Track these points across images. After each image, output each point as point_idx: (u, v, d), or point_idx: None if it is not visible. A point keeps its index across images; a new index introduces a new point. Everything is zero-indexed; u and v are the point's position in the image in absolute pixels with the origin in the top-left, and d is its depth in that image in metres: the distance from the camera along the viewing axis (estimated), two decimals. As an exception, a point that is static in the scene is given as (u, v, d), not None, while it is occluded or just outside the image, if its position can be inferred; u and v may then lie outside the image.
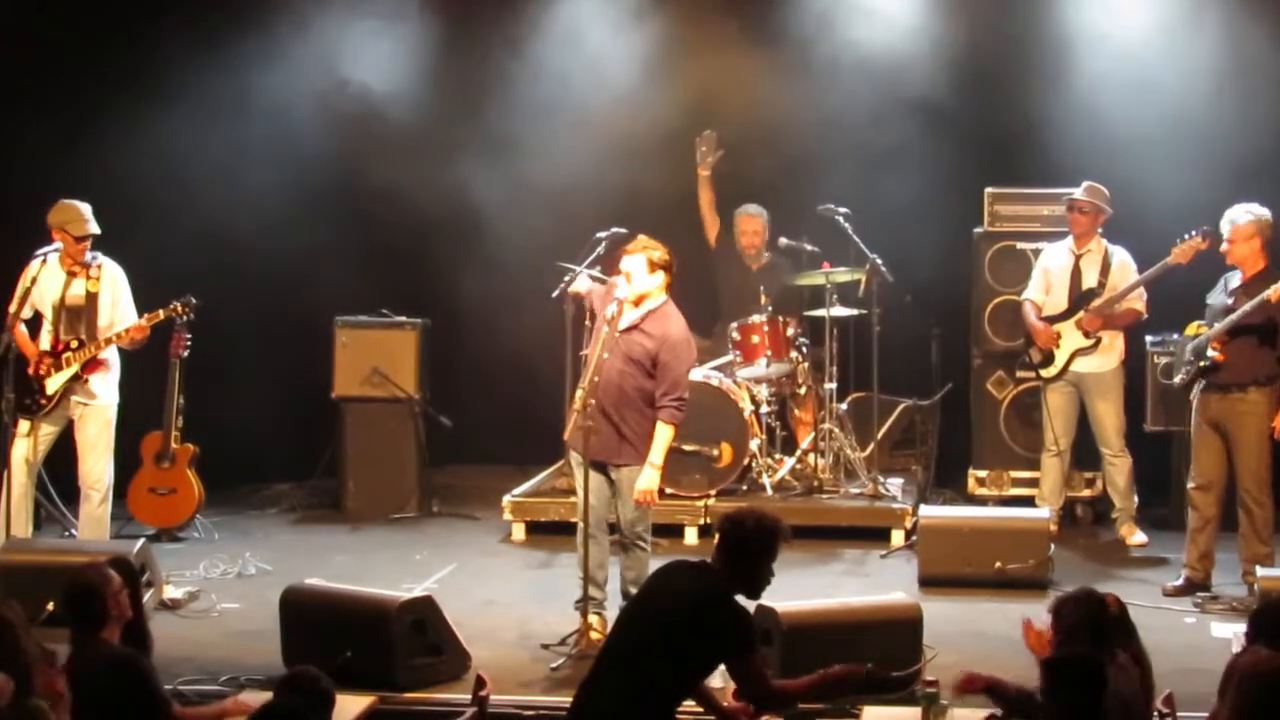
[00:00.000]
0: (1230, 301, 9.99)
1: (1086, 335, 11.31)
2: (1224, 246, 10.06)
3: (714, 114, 13.02)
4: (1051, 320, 11.40)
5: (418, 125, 13.34)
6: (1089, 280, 11.36)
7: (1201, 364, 9.98)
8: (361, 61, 13.14)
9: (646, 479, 9.12)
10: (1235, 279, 10.06)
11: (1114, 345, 11.40)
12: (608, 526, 9.35)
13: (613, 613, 8.89)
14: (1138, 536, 11.41)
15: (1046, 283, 11.54)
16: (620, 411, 9.16)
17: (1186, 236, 10.66)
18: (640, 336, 9.16)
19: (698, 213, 12.63)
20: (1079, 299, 11.34)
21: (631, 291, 9.15)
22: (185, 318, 10.82)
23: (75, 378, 10.66)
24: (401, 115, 13.30)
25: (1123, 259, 11.38)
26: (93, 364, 10.69)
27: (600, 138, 12.90)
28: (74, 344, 10.66)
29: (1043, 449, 11.62)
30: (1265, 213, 10.06)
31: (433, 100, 13.34)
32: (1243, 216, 10.00)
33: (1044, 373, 11.46)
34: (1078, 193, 11.41)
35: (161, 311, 10.73)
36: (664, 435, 9.14)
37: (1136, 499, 11.54)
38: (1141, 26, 12.52)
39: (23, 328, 10.66)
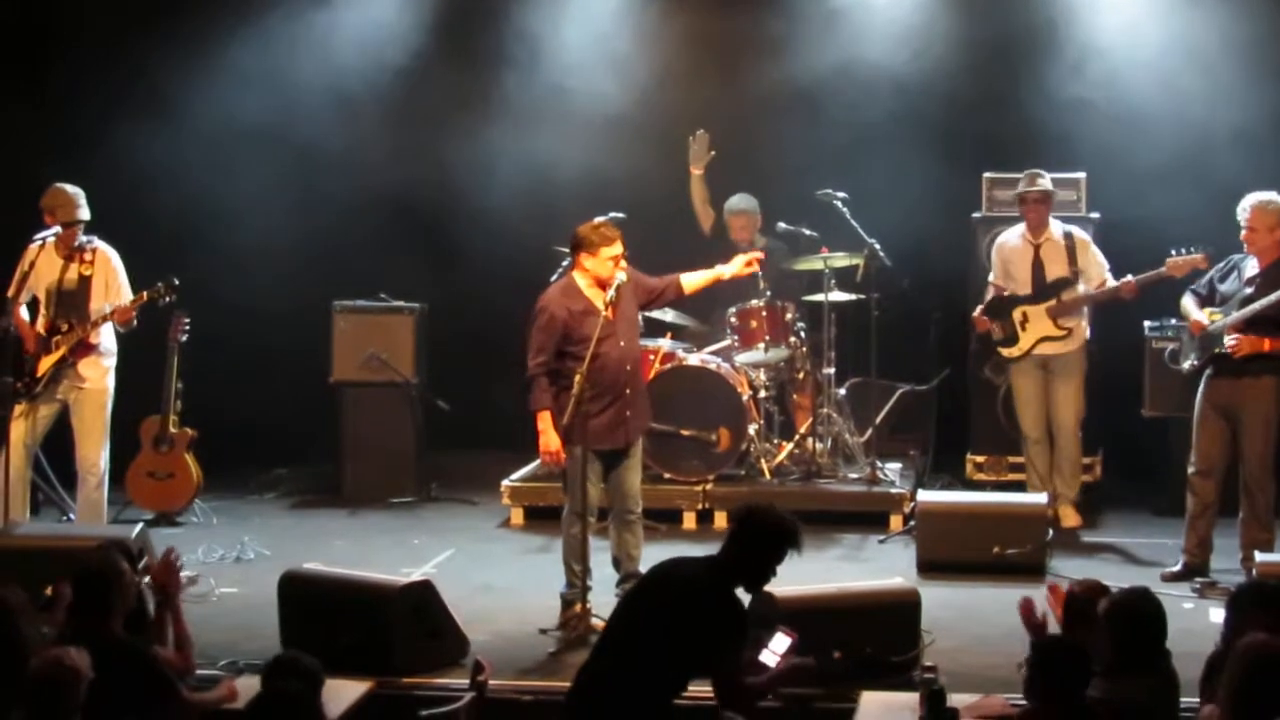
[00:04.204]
0: (1249, 290, 9.92)
1: (1056, 325, 11.31)
2: (1245, 233, 9.96)
3: (711, 98, 13.05)
4: (1017, 301, 11.40)
5: (417, 110, 13.35)
6: (1056, 270, 11.36)
7: (1218, 350, 9.95)
8: (360, 46, 13.13)
9: (739, 261, 9.94)
10: (1250, 266, 10.01)
11: (1078, 329, 11.42)
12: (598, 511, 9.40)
13: (604, 597, 8.95)
14: (1074, 518, 11.47)
15: (1005, 270, 11.55)
16: (633, 386, 9.27)
17: (1186, 251, 10.51)
18: (623, 297, 9.23)
19: (691, 207, 12.60)
20: (1051, 286, 11.33)
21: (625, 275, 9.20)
22: (167, 299, 10.80)
23: (64, 361, 10.67)
24: (401, 100, 13.31)
25: (1083, 238, 11.42)
26: (82, 348, 10.70)
27: (598, 124, 12.92)
28: (64, 328, 10.67)
29: (1023, 439, 11.62)
30: None
31: (432, 86, 13.33)
32: (1269, 205, 9.91)
33: (1005, 351, 11.50)
34: (1022, 184, 11.42)
35: (144, 293, 10.73)
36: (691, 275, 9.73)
37: (1078, 486, 11.56)
38: (1142, 9, 12.52)
39: (24, 312, 10.70)
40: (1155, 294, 11.12)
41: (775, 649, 7.43)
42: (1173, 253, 10.59)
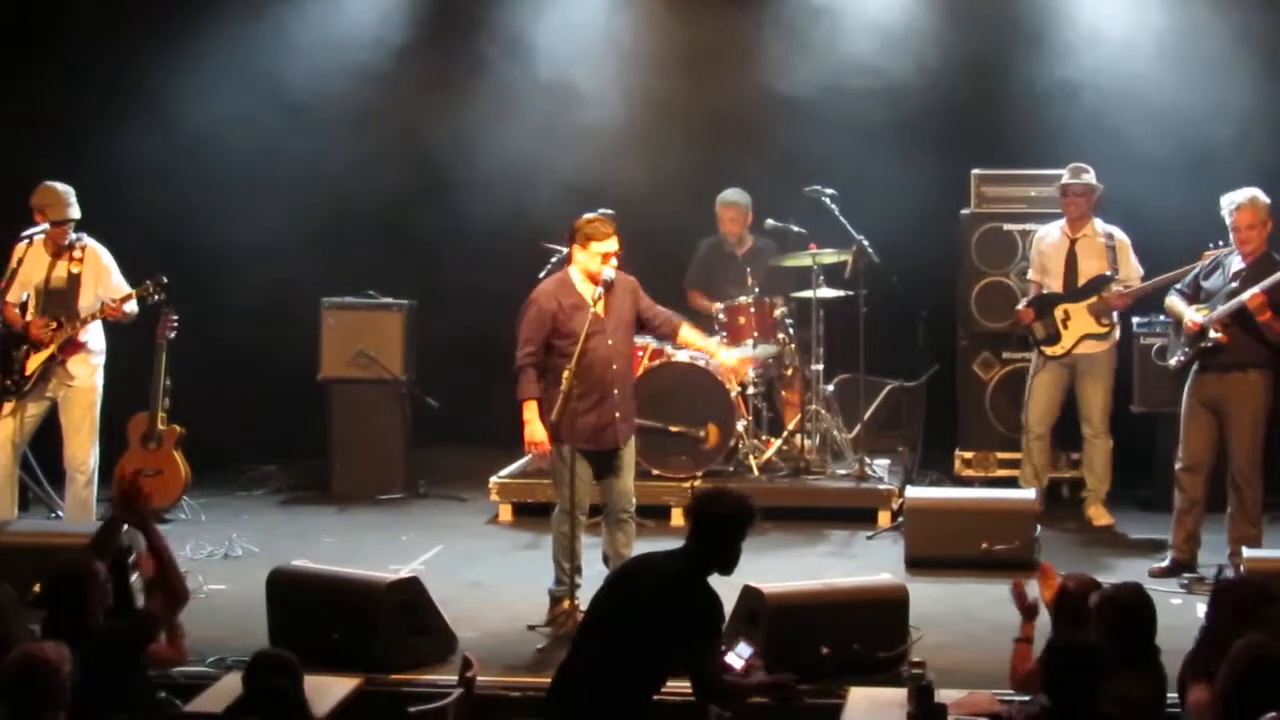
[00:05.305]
0: (1235, 285, 9.92)
1: (1099, 323, 11.28)
2: (1241, 233, 9.92)
3: (699, 96, 13.05)
4: (1058, 299, 11.37)
5: (404, 108, 13.34)
6: (1090, 265, 11.32)
7: (1203, 345, 9.96)
8: (347, 45, 13.13)
9: (729, 358, 10.36)
10: (1235, 263, 10.01)
11: (1112, 328, 11.41)
12: (589, 509, 9.39)
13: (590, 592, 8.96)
14: (1106, 518, 11.45)
15: (1041, 265, 11.53)
16: (621, 389, 9.23)
17: (1224, 245, 10.31)
18: (619, 298, 9.22)
19: (683, 207, 12.66)
20: (1093, 284, 11.29)
21: (614, 272, 9.18)
22: (156, 297, 10.79)
23: (52, 359, 10.65)
24: (388, 98, 13.30)
25: (1122, 240, 11.37)
26: (71, 345, 10.68)
27: (585, 122, 12.91)
28: (53, 325, 10.65)
29: (1024, 431, 11.60)
30: (1266, 197, 10.01)
31: (419, 83, 13.33)
32: (1257, 201, 9.93)
33: (1048, 350, 11.39)
34: (1066, 176, 11.39)
35: (133, 291, 10.72)
36: (692, 329, 9.84)
37: (1109, 482, 11.55)
38: (1131, 9, 12.53)
39: (16, 310, 10.69)
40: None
41: (740, 654, 7.45)
42: (1210, 246, 10.51)
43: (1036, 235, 11.69)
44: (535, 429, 9.13)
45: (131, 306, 10.73)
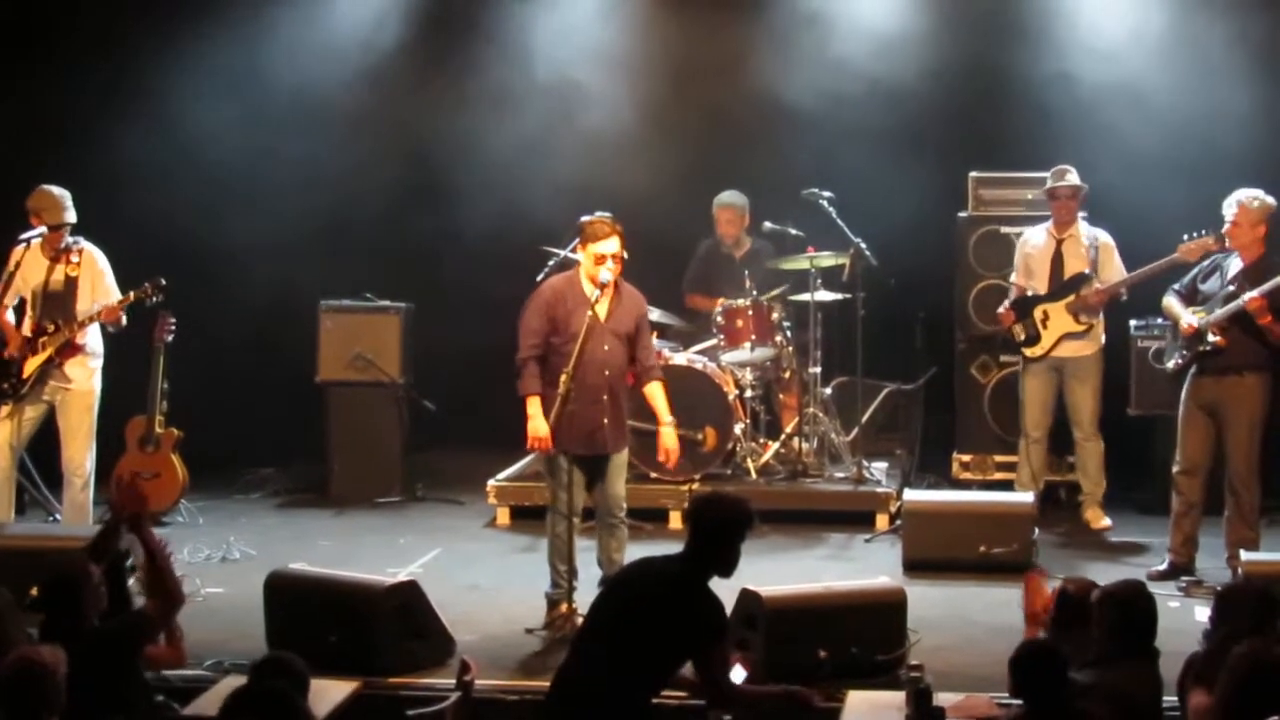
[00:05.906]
0: (1232, 288, 9.93)
1: (1077, 320, 11.28)
2: (1227, 228, 9.99)
3: (698, 99, 13.05)
4: (1038, 300, 11.37)
5: (402, 112, 13.34)
6: (1074, 267, 11.32)
7: (1201, 348, 9.95)
8: (345, 47, 13.13)
9: (669, 438, 9.42)
10: (1234, 265, 10.02)
11: (1096, 330, 11.39)
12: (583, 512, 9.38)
13: (589, 596, 8.95)
14: (1104, 521, 11.44)
15: (1027, 266, 11.53)
16: (612, 395, 9.20)
17: (1197, 235, 10.35)
18: (624, 308, 9.23)
19: (681, 209, 12.69)
20: (1071, 282, 11.29)
21: (615, 274, 9.15)
22: (154, 299, 10.77)
23: (50, 362, 10.64)
24: (386, 101, 13.31)
25: (1106, 242, 11.36)
26: (69, 349, 10.67)
27: (584, 126, 12.91)
28: (51, 329, 10.65)
29: (1022, 435, 11.58)
30: (1273, 201, 10.01)
31: (418, 87, 13.33)
32: (1254, 201, 9.94)
33: (1028, 351, 11.40)
34: (1051, 180, 11.39)
35: (132, 293, 10.71)
36: (662, 391, 9.45)
37: (1104, 484, 11.55)
38: (1127, 10, 12.53)
39: (10, 315, 10.69)
40: (1142, 292, 11.13)
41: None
42: (1184, 238, 10.49)
43: (1021, 238, 11.68)
44: (538, 424, 9.08)
45: (121, 316, 10.72)
